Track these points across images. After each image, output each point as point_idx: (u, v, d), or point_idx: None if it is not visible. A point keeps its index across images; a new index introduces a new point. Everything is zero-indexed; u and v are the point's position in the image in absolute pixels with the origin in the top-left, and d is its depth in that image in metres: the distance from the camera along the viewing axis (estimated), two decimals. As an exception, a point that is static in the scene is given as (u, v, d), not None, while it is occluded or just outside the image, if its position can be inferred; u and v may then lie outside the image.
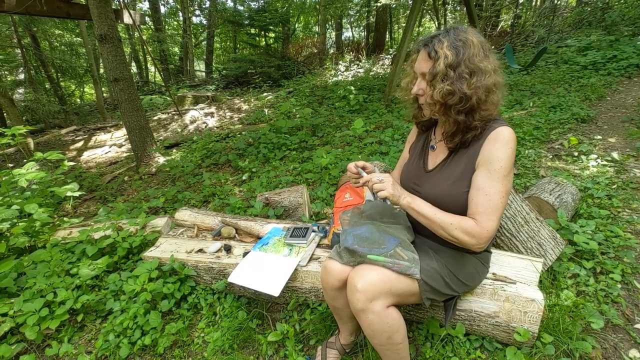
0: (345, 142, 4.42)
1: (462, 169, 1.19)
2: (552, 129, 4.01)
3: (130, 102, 4.35)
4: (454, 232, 1.13)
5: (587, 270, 1.81)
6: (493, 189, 1.11)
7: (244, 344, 1.66)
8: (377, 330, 1.15)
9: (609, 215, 2.24)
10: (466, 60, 1.09)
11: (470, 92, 1.09)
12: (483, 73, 1.10)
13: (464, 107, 1.11)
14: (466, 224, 1.12)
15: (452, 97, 1.11)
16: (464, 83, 1.09)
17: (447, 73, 1.10)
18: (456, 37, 1.10)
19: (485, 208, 1.11)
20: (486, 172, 1.13)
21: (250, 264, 1.73)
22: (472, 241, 1.12)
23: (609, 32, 7.76)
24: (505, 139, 1.12)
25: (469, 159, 1.18)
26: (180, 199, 3.41)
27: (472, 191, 1.15)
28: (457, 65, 1.09)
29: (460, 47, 1.09)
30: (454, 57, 1.08)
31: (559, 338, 1.43)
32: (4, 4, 4.63)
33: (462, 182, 1.18)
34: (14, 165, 5.97)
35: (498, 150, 1.11)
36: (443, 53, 1.09)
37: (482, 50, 1.11)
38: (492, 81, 1.11)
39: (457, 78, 1.09)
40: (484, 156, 1.14)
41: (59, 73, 12.64)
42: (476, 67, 1.09)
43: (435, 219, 1.14)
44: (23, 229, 2.22)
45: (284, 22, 12.78)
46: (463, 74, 1.09)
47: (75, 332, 1.81)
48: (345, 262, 1.26)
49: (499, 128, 1.14)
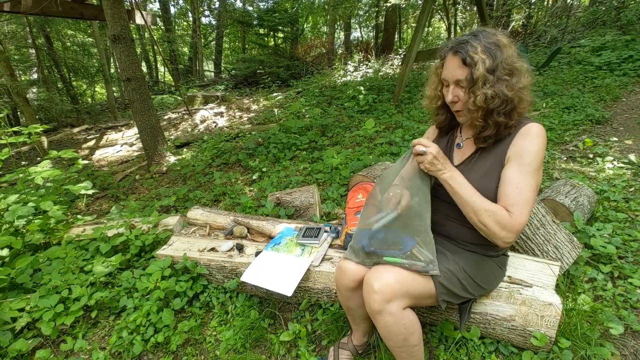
0: (355, 143, 4.40)
1: (490, 164, 1.19)
2: (566, 130, 3.95)
3: (142, 101, 4.40)
4: (485, 218, 1.11)
5: (605, 275, 1.78)
6: (524, 183, 1.10)
7: (256, 343, 1.67)
8: (393, 332, 1.15)
9: (626, 219, 2.20)
10: (503, 62, 1.09)
11: (512, 93, 1.10)
12: (520, 73, 1.11)
13: (505, 108, 1.12)
14: (501, 214, 1.10)
15: (494, 101, 1.11)
16: (504, 85, 1.09)
17: (487, 78, 1.10)
18: (488, 40, 1.10)
19: (516, 200, 1.10)
20: (517, 166, 1.12)
21: (262, 264, 1.74)
22: (502, 233, 1.10)
23: (624, 31, 7.61)
24: (536, 133, 1.13)
25: (497, 154, 1.18)
26: (192, 198, 3.43)
27: (502, 184, 1.14)
28: (495, 69, 1.09)
29: (496, 50, 1.09)
30: (491, 61, 1.09)
31: (576, 343, 1.40)
32: (20, 5, 4.72)
33: (490, 177, 1.18)
34: (28, 163, 6.07)
35: (529, 144, 1.12)
36: (479, 58, 1.09)
37: (515, 50, 1.12)
38: (529, 79, 1.12)
39: (497, 81, 1.10)
40: (514, 150, 1.14)
41: (71, 73, 12.87)
42: (513, 68, 1.10)
43: (470, 201, 1.13)
44: (38, 226, 2.25)
45: (292, 23, 12.81)
46: (502, 77, 1.09)
47: (89, 329, 1.83)
48: (361, 262, 1.26)
49: (529, 124, 1.15)
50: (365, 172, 2.68)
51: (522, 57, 1.15)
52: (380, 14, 12.56)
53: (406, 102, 5.94)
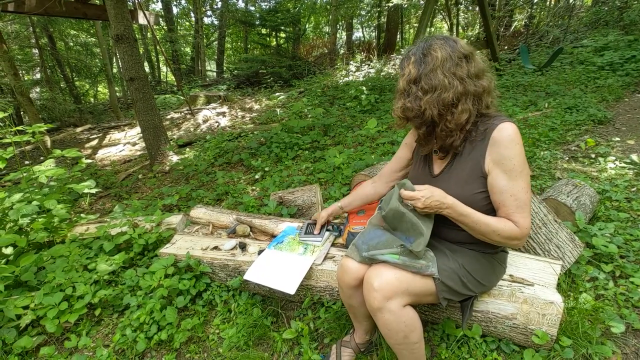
0: (358, 142, 4.41)
1: (468, 171, 1.19)
2: (568, 130, 3.94)
3: (145, 101, 4.41)
4: (495, 237, 1.14)
5: (606, 274, 1.78)
6: (515, 188, 1.11)
7: (258, 341, 1.68)
8: (394, 330, 1.15)
9: (628, 219, 2.20)
10: (425, 75, 1.11)
11: (425, 107, 1.12)
12: (442, 87, 1.09)
13: (422, 120, 1.15)
14: (509, 229, 1.12)
15: (410, 112, 1.15)
16: (420, 99, 1.12)
17: (408, 89, 1.14)
18: (422, 50, 1.13)
19: (515, 208, 1.12)
20: (502, 174, 1.13)
21: (265, 262, 1.74)
22: (513, 242, 1.14)
23: (627, 31, 7.60)
24: (509, 136, 1.11)
25: (475, 159, 1.18)
26: (194, 197, 3.44)
27: (497, 195, 1.15)
28: (418, 81, 1.12)
29: (422, 62, 1.11)
30: (415, 72, 1.12)
31: (577, 342, 1.40)
32: (24, 5, 4.75)
33: (471, 184, 1.18)
34: (31, 162, 6.11)
35: (505, 150, 1.11)
36: (408, 69, 1.14)
37: (450, 60, 1.10)
38: (455, 93, 1.09)
39: (415, 94, 1.12)
40: (493, 159, 1.14)
41: (74, 72, 12.91)
42: (435, 82, 1.09)
43: (477, 227, 1.15)
44: (42, 224, 2.27)
45: (295, 23, 12.84)
46: (419, 91, 1.12)
47: (93, 326, 1.84)
48: (362, 260, 1.27)
49: (500, 126, 1.13)
50: (367, 172, 2.68)
51: (482, 62, 1.15)
52: (383, 14, 12.56)
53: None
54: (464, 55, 1.12)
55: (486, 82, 1.14)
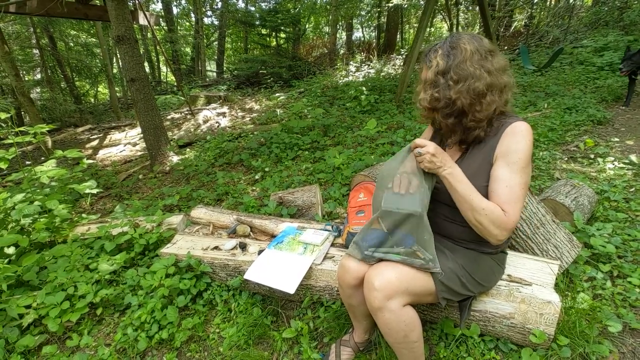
0: (357, 143, 4.42)
1: (479, 164, 1.21)
2: (567, 130, 3.96)
3: (146, 101, 4.43)
4: (482, 217, 1.13)
5: (604, 274, 1.79)
6: (513, 181, 1.13)
7: (258, 340, 1.69)
8: (393, 329, 1.17)
9: (626, 219, 2.21)
10: (455, 66, 1.13)
11: (455, 96, 1.14)
12: (473, 77, 1.12)
13: (451, 110, 1.17)
14: (497, 213, 1.12)
15: (438, 103, 1.17)
16: (450, 89, 1.14)
17: (436, 80, 1.16)
18: (450, 44, 1.15)
19: (507, 198, 1.13)
20: (505, 165, 1.14)
21: (265, 262, 1.76)
22: (496, 231, 1.13)
23: (627, 32, 7.61)
24: (522, 132, 1.14)
25: (486, 153, 1.20)
26: (195, 197, 3.46)
27: (492, 183, 1.16)
28: (447, 72, 1.14)
29: (451, 54, 1.14)
30: (443, 64, 1.14)
31: (575, 341, 1.41)
32: (25, 6, 4.77)
33: (479, 176, 1.20)
34: (33, 162, 6.12)
35: (515, 143, 1.14)
36: (435, 62, 1.16)
37: (478, 54, 1.13)
38: (485, 83, 1.13)
39: (444, 84, 1.15)
40: (501, 149, 1.16)
41: (75, 73, 12.94)
42: (466, 73, 1.12)
43: (469, 199, 1.14)
44: (44, 224, 2.28)
45: (295, 23, 12.85)
46: (449, 81, 1.14)
47: (94, 325, 1.86)
48: (363, 259, 1.28)
49: (515, 123, 1.16)
50: (367, 172, 2.70)
51: (504, 59, 1.18)
52: (382, 14, 12.57)
53: (408, 102, 5.95)
54: (489, 50, 1.16)
55: (507, 78, 1.18)
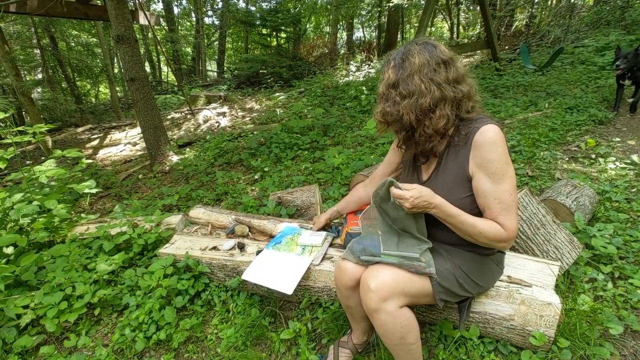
0: (357, 143, 4.41)
1: (454, 176, 1.19)
2: (569, 130, 3.93)
3: (146, 101, 4.43)
4: (481, 239, 1.13)
5: (605, 275, 1.78)
6: (499, 191, 1.11)
7: (256, 341, 1.68)
8: (390, 330, 1.16)
9: (628, 220, 2.19)
10: (402, 81, 1.11)
11: (403, 112, 1.12)
12: (419, 93, 1.10)
13: (401, 125, 1.16)
14: (495, 231, 1.11)
15: (389, 117, 1.16)
16: (398, 105, 1.12)
17: (387, 94, 1.15)
18: (401, 55, 1.14)
19: (501, 211, 1.12)
20: (485, 177, 1.12)
21: (263, 262, 1.75)
22: (499, 245, 1.14)
23: (628, 31, 7.57)
24: (490, 140, 1.10)
25: (460, 165, 1.18)
26: (194, 197, 3.45)
27: (481, 199, 1.15)
28: (397, 86, 1.13)
29: (401, 67, 1.12)
30: (394, 77, 1.13)
31: (575, 343, 1.40)
32: (26, 6, 4.77)
33: (458, 189, 1.18)
34: (32, 162, 6.13)
35: (488, 153, 1.11)
36: (387, 74, 1.15)
37: (428, 66, 1.10)
38: (432, 98, 1.09)
39: (393, 99, 1.13)
40: (476, 161, 1.13)
41: (75, 73, 12.96)
42: (412, 88, 1.10)
43: (463, 228, 1.14)
44: (43, 224, 2.28)
45: (295, 23, 12.83)
46: (397, 96, 1.12)
47: (92, 326, 1.85)
48: (359, 262, 1.27)
49: (482, 128, 1.12)
50: (366, 172, 2.69)
51: (462, 67, 1.16)
52: (383, 14, 12.56)
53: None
54: (442, 61, 1.12)
55: (466, 88, 1.14)
